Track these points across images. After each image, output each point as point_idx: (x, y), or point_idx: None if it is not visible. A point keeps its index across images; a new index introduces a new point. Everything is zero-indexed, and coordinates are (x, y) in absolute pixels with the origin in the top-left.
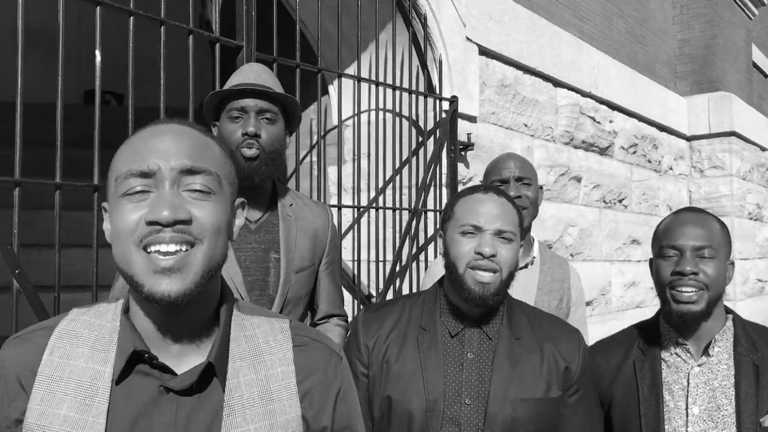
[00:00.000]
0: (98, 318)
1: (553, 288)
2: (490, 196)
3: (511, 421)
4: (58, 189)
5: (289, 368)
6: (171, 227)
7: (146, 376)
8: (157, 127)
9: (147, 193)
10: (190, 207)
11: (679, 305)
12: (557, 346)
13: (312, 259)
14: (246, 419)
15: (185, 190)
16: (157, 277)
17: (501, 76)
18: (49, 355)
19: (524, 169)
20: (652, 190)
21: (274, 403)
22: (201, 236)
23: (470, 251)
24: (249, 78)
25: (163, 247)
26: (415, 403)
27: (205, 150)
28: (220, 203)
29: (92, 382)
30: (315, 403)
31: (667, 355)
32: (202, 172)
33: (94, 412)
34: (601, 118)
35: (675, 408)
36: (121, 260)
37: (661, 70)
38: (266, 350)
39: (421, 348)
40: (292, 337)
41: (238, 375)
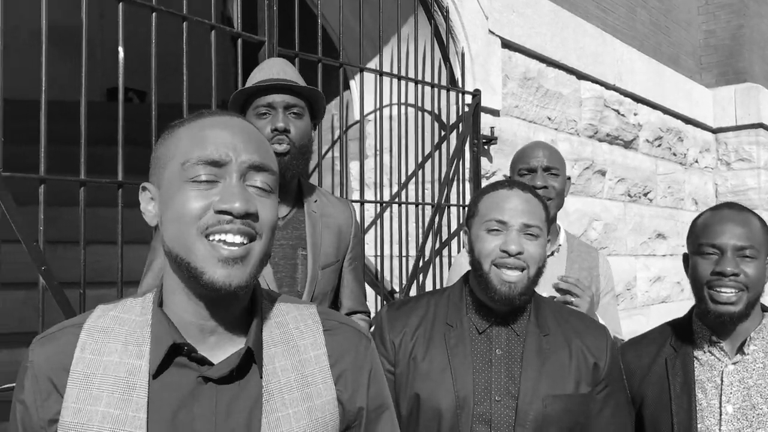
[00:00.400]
0: (126, 313)
1: (581, 276)
2: (515, 192)
3: (543, 418)
4: (83, 186)
5: (321, 352)
6: (240, 219)
7: (183, 368)
8: (222, 119)
9: (214, 183)
10: (256, 202)
11: (717, 306)
12: (585, 342)
13: (337, 256)
14: (285, 404)
15: (249, 185)
16: (220, 266)
17: (524, 69)
18: (80, 352)
19: (552, 159)
20: (677, 183)
21: (310, 387)
22: (261, 231)
23: (495, 248)
24: (273, 73)
25: (230, 237)
26: (444, 401)
27: (267, 149)
28: (275, 201)
29: (129, 376)
30: (349, 384)
31: (700, 353)
32: (267, 170)
33: (133, 406)
34: (625, 111)
35: (708, 406)
36: (176, 244)
37: (686, 61)
38: (298, 336)
39: (448, 345)
40: (322, 322)
41: (274, 361)
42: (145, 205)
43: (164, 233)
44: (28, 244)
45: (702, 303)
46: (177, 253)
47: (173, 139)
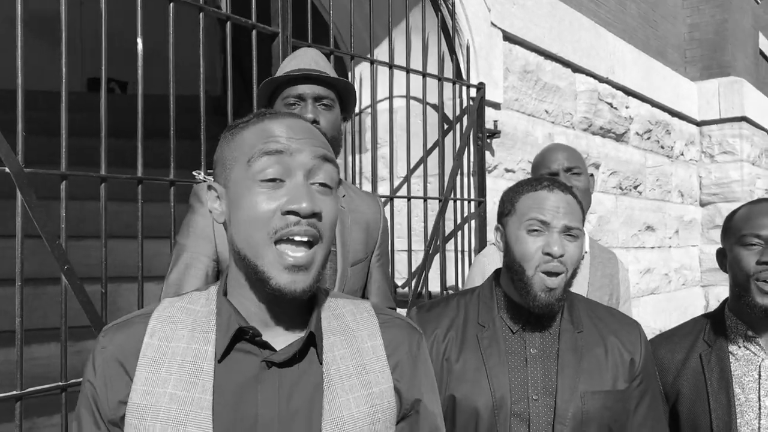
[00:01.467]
0: (192, 304)
1: (603, 284)
2: (555, 192)
3: (582, 415)
4: (104, 182)
5: (378, 342)
6: (307, 219)
7: (247, 354)
8: (282, 117)
9: (281, 182)
10: (319, 201)
11: (765, 298)
12: (620, 338)
13: (366, 252)
14: (345, 390)
15: (314, 182)
16: (286, 273)
17: (524, 62)
18: (149, 338)
19: (572, 159)
20: (665, 176)
21: (368, 375)
22: (324, 232)
23: (538, 251)
24: (304, 63)
25: (297, 238)
26: (481, 401)
27: (327, 144)
28: (336, 199)
29: (195, 361)
30: (405, 375)
31: (735, 348)
32: (330, 161)
33: (200, 389)
34: (617, 104)
35: (746, 401)
36: (246, 246)
37: (672, 54)
38: (355, 327)
39: (482, 345)
40: (377, 316)
41: (333, 349)
42: (211, 203)
43: (234, 233)
44: (51, 242)
45: (747, 295)
46: (245, 255)
47: (238, 139)
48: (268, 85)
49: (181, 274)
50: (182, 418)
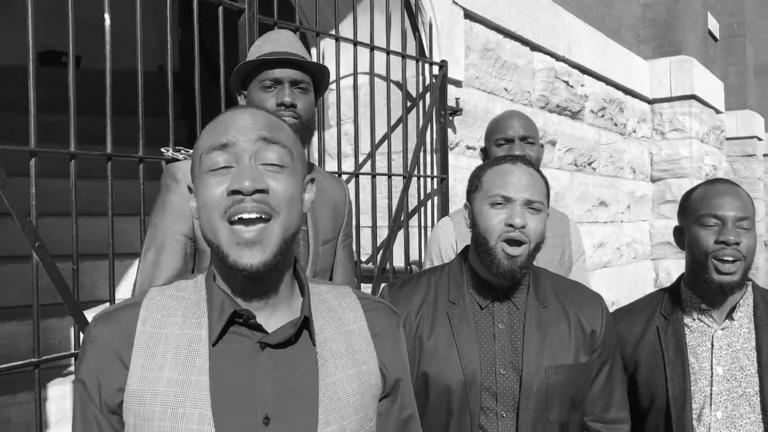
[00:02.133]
0: (181, 292)
1: (555, 243)
2: (518, 166)
3: (546, 389)
4: (74, 158)
5: (363, 324)
6: (251, 196)
7: (240, 336)
8: (235, 110)
9: (229, 168)
10: (267, 179)
11: (721, 275)
12: (582, 312)
13: (334, 232)
14: (337, 368)
15: (262, 164)
16: (240, 249)
17: (484, 40)
18: (142, 326)
19: (528, 128)
20: (617, 152)
21: (357, 354)
22: (278, 207)
23: (500, 223)
24: (280, 46)
25: (245, 215)
26: (453, 377)
27: (280, 126)
28: (292, 176)
29: (190, 345)
30: (388, 355)
31: (690, 320)
32: (276, 143)
33: (196, 371)
34: (573, 83)
35: (700, 369)
36: (208, 230)
37: (626, 34)
38: (341, 310)
39: (452, 322)
40: (359, 299)
41: (323, 331)
42: (191, 203)
43: (200, 223)
44: (22, 221)
45: (705, 272)
46: (209, 239)
47: (198, 140)
48: (243, 68)
49: (157, 254)
50: (180, 400)
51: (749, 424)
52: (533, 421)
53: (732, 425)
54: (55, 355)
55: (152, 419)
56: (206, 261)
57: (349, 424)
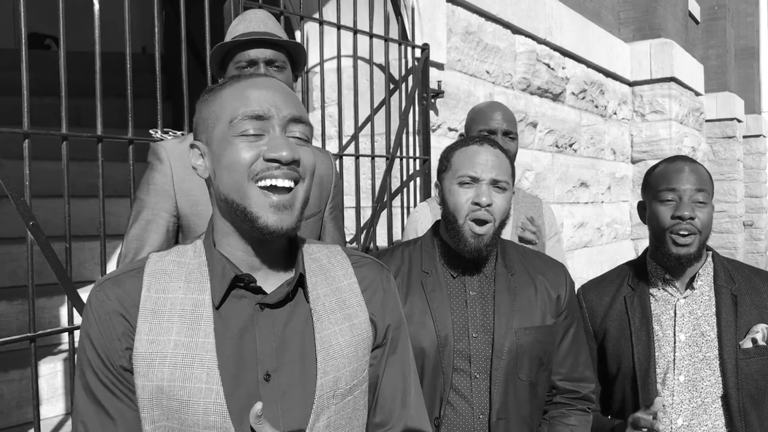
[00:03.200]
0: (181, 257)
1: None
2: (485, 147)
3: (516, 349)
4: (65, 140)
5: (353, 281)
6: (287, 166)
7: (241, 299)
8: (261, 79)
9: (260, 136)
10: (299, 150)
11: (678, 248)
12: (547, 278)
13: (319, 206)
14: (331, 322)
15: (290, 136)
16: (272, 212)
17: (466, 23)
18: (146, 291)
19: (510, 123)
20: (598, 134)
21: (349, 309)
22: (304, 175)
23: (468, 201)
24: (254, 26)
25: (279, 182)
26: (426, 340)
27: (301, 105)
28: (312, 148)
29: (194, 308)
30: (378, 307)
31: (655, 290)
32: (304, 122)
33: (202, 333)
34: (555, 65)
35: (664, 336)
36: (232, 191)
37: (606, 16)
38: (331, 268)
39: (426, 290)
40: (348, 257)
41: (316, 288)
42: (194, 160)
43: (219, 183)
44: (16, 200)
45: (663, 246)
46: (233, 200)
47: (219, 100)
48: (219, 50)
49: (142, 230)
50: (189, 361)
51: (709, 386)
52: (505, 379)
53: (693, 388)
54: (50, 330)
55: (162, 380)
56: (189, 237)
57: (343, 374)
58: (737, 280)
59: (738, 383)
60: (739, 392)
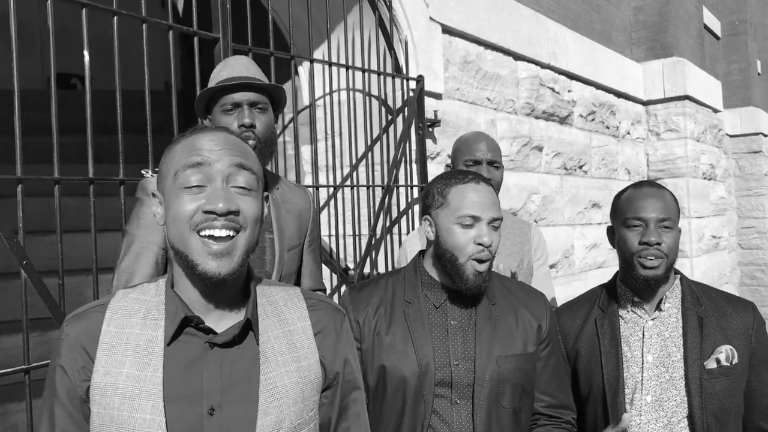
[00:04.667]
0: (143, 295)
1: (513, 251)
2: (482, 186)
3: (498, 376)
4: (57, 183)
5: (306, 323)
6: (224, 216)
7: (193, 337)
8: (208, 132)
9: (203, 187)
10: (237, 200)
11: (646, 270)
12: (528, 308)
13: (299, 239)
14: (278, 364)
15: (232, 186)
16: (210, 259)
17: (464, 52)
18: (107, 326)
19: (495, 153)
20: (610, 155)
21: (298, 351)
22: (245, 225)
23: (470, 242)
24: (237, 71)
25: (216, 232)
26: (408, 369)
27: (248, 153)
28: (257, 198)
29: (147, 344)
30: (329, 351)
31: (624, 312)
32: (247, 169)
33: (151, 368)
34: (560, 89)
35: (632, 357)
36: (177, 240)
37: (617, 37)
38: (286, 310)
39: (408, 319)
40: (305, 299)
41: (268, 331)
42: (155, 208)
43: (168, 232)
44: (10, 241)
45: (631, 269)
46: (178, 248)
47: (171, 153)
48: (204, 95)
49: (132, 262)
50: (136, 392)
51: (675, 406)
52: (487, 407)
53: (660, 408)
54: (43, 362)
55: (112, 409)
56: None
57: (288, 414)
58: (704, 303)
59: (702, 403)
60: (704, 412)
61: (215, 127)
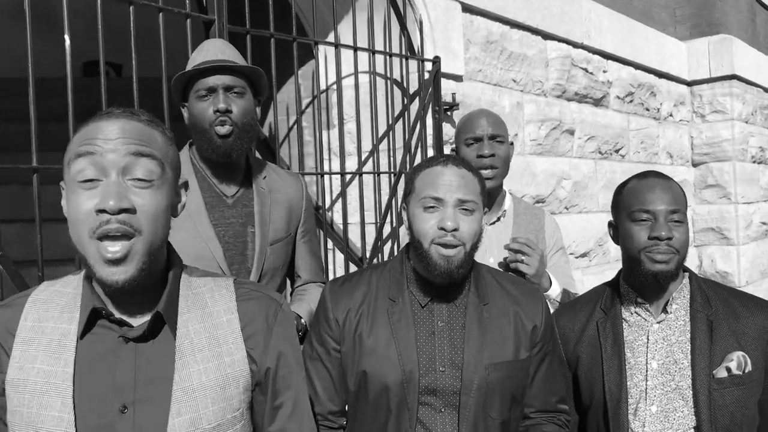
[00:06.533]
0: (65, 287)
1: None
2: (449, 167)
3: (486, 385)
4: (36, 172)
5: (233, 316)
6: (116, 216)
7: (107, 330)
8: (104, 118)
9: (97, 182)
10: (133, 196)
11: (656, 265)
12: (522, 308)
13: (287, 230)
14: (196, 360)
15: (130, 179)
16: (107, 267)
17: (486, 32)
18: (24, 320)
19: (497, 127)
20: (650, 138)
21: (221, 347)
22: (142, 226)
23: (433, 226)
24: (210, 55)
25: (111, 236)
26: (390, 376)
27: (149, 137)
28: (161, 189)
29: (60, 338)
30: (259, 345)
31: (628, 314)
32: (147, 155)
33: (62, 363)
34: (594, 69)
35: (636, 364)
36: (77, 243)
37: (659, 14)
38: (211, 303)
39: (391, 320)
40: (236, 291)
41: (188, 325)
42: (62, 201)
43: (69, 229)
44: None
45: (638, 266)
46: (78, 250)
47: (71, 142)
48: (179, 80)
49: None
50: (45, 388)
51: (682, 417)
52: (474, 417)
53: (666, 419)
54: None
55: (23, 405)
56: None
57: (205, 414)
58: (714, 304)
59: (711, 415)
60: (713, 425)
61: (119, 112)
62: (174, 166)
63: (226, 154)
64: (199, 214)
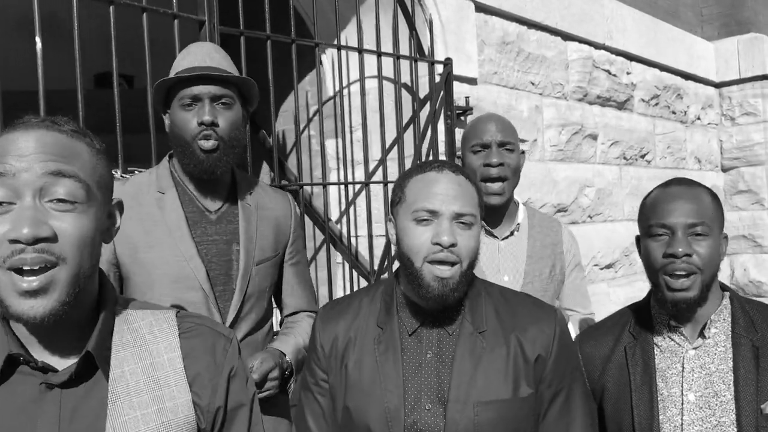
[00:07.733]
0: None
1: (543, 255)
2: (444, 174)
3: (474, 428)
4: None
5: (175, 355)
6: (33, 245)
7: (28, 376)
8: (19, 130)
9: (10, 205)
10: (53, 221)
11: (674, 293)
12: (526, 335)
13: (275, 250)
14: (132, 406)
15: (49, 200)
16: (22, 300)
17: (502, 33)
18: None
19: (507, 133)
20: (677, 142)
21: (162, 390)
22: (64, 254)
23: (426, 241)
24: (197, 60)
25: (26, 267)
26: (373, 413)
27: (72, 154)
28: (86, 212)
29: None
30: (206, 385)
31: (660, 339)
32: (68, 175)
33: None
34: (617, 71)
35: (669, 396)
36: None
37: (685, 14)
38: (151, 340)
39: (377, 351)
40: (178, 326)
41: (123, 365)
42: None
43: None
44: None
45: (658, 290)
46: None
47: None
48: (161, 87)
49: None
50: None
51: None
52: None
53: None
54: None
55: None
56: (131, 288)
57: None
58: (760, 328)
59: None
60: None
61: (36, 121)
62: (103, 184)
63: (210, 170)
64: (180, 231)
